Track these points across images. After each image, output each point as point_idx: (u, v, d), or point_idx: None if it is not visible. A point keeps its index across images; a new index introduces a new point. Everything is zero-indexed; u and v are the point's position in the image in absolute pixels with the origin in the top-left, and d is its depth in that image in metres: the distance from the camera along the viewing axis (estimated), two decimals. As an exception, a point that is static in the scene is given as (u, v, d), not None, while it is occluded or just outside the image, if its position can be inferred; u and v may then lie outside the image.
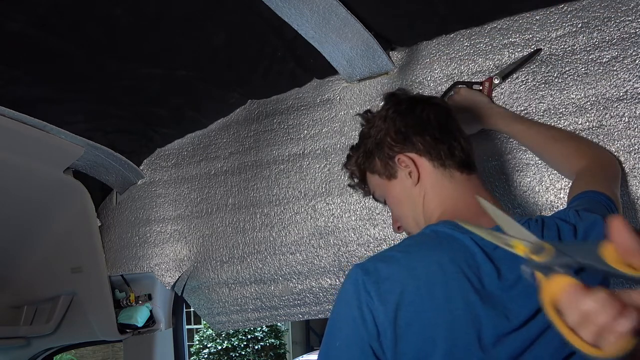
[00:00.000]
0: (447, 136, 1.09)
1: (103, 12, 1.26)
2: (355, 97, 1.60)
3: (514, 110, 1.38)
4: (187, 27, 1.37)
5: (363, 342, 0.86)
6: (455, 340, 0.84)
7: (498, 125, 1.34)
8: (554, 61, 1.35)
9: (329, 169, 1.62)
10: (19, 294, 1.92)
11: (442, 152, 1.07)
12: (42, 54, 1.34)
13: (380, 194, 1.17)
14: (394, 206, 1.15)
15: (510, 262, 0.90)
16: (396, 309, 0.86)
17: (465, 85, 1.41)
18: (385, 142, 1.12)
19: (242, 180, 1.75)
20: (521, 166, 1.37)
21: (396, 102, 1.15)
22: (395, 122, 1.11)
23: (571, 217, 0.96)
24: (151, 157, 1.92)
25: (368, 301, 0.87)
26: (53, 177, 1.68)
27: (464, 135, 1.13)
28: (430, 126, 1.10)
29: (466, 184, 1.07)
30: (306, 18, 1.30)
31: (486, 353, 0.84)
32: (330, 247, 1.60)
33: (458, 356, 0.84)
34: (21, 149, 1.52)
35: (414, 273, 0.88)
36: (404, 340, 0.85)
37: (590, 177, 1.14)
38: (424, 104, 1.13)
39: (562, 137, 1.29)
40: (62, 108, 1.57)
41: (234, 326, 1.86)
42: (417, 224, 1.09)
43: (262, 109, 1.76)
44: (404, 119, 1.11)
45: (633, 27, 1.27)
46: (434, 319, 0.85)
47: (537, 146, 1.29)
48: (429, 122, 1.10)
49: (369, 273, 0.89)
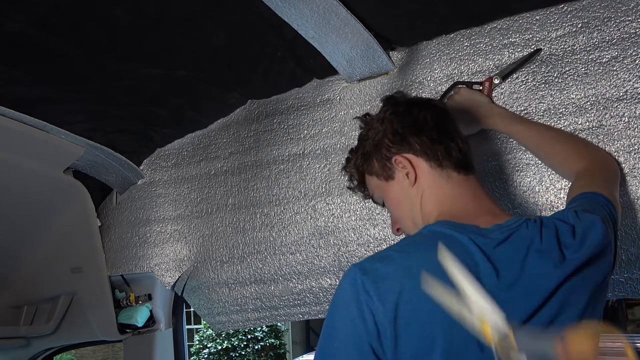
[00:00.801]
0: (444, 137, 1.10)
1: (103, 12, 1.26)
2: (355, 97, 1.60)
3: (514, 110, 1.38)
4: (187, 27, 1.37)
5: (362, 342, 0.87)
6: (454, 338, 0.85)
7: (498, 125, 1.34)
8: (554, 61, 1.35)
9: (329, 169, 1.62)
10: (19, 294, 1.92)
11: (439, 153, 1.08)
12: (42, 54, 1.34)
13: (379, 195, 1.17)
14: (392, 207, 1.15)
15: (509, 262, 0.90)
16: (395, 308, 0.86)
17: (465, 85, 1.41)
18: (382, 143, 1.12)
19: (242, 180, 1.75)
20: (521, 166, 1.37)
21: (394, 104, 1.16)
22: (393, 124, 1.12)
23: (570, 217, 0.97)
24: (151, 157, 1.92)
25: (367, 301, 0.87)
26: (53, 177, 1.68)
27: (462, 136, 1.13)
28: (427, 127, 1.10)
29: (464, 185, 1.07)
30: (306, 18, 1.30)
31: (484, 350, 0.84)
32: (330, 247, 1.60)
33: (457, 354, 0.85)
34: (21, 149, 1.52)
35: (411, 272, 0.89)
36: (403, 339, 0.86)
37: (589, 178, 1.14)
38: (421, 106, 1.14)
39: (562, 138, 1.29)
40: (62, 108, 1.57)
41: (234, 326, 1.86)
42: (415, 225, 1.09)
43: (262, 109, 1.76)
44: (401, 120, 1.12)
45: (633, 27, 1.27)
46: (432, 318, 0.85)
47: (537, 147, 1.29)
48: (426, 123, 1.11)
49: (367, 273, 0.89)
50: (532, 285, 0.89)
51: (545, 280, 0.89)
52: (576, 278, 0.90)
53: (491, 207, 1.05)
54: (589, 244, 0.92)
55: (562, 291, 0.89)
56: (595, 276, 0.93)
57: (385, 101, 1.19)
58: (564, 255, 0.91)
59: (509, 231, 0.94)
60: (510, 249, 0.92)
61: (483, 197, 1.08)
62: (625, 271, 1.30)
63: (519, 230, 0.94)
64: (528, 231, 0.94)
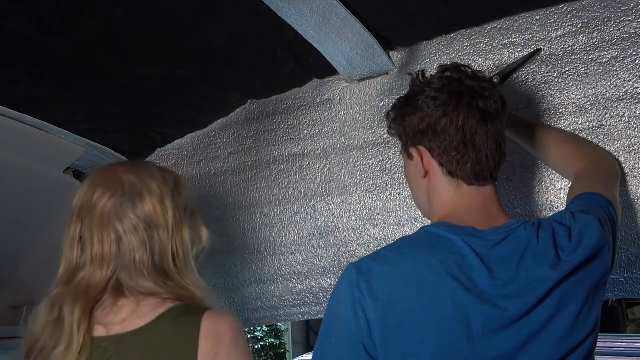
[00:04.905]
0: (465, 145, 1.01)
1: (103, 12, 1.26)
2: (356, 97, 1.60)
3: (514, 110, 1.38)
4: (187, 27, 1.37)
5: (355, 339, 0.89)
6: (444, 337, 0.86)
7: None
8: (554, 61, 1.35)
9: (329, 169, 1.62)
10: (19, 294, 1.92)
11: (453, 162, 1.02)
12: (42, 54, 1.34)
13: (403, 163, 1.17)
14: (408, 183, 1.15)
15: (505, 263, 0.91)
16: (386, 307, 0.88)
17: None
18: (408, 132, 1.08)
19: (242, 180, 1.75)
20: (521, 166, 1.37)
21: (448, 91, 1.03)
22: (424, 119, 1.04)
23: (567, 219, 0.97)
24: (151, 157, 1.92)
25: (360, 299, 0.89)
26: (53, 177, 1.68)
27: (492, 145, 1.03)
28: (448, 133, 1.02)
29: (474, 195, 1.02)
30: (306, 18, 1.30)
31: (475, 348, 0.86)
32: (330, 247, 1.60)
33: (446, 352, 0.86)
34: (21, 149, 1.52)
35: (403, 273, 0.90)
36: (394, 338, 0.87)
37: (589, 179, 1.14)
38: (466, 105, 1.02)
39: (562, 138, 1.29)
40: (62, 108, 1.57)
41: (234, 326, 1.86)
42: (425, 210, 1.11)
43: (262, 109, 1.76)
44: (434, 115, 1.03)
45: (633, 27, 1.27)
46: (423, 318, 0.87)
47: (537, 147, 1.29)
48: (458, 128, 1.01)
49: (361, 272, 0.91)
50: (527, 286, 0.90)
51: (541, 281, 0.89)
52: (572, 279, 0.91)
53: (495, 214, 1.02)
54: (585, 246, 0.92)
55: (558, 292, 0.90)
56: (592, 277, 0.93)
57: (447, 75, 1.06)
58: (559, 257, 0.91)
59: (505, 233, 0.94)
60: (506, 250, 0.92)
61: (492, 208, 1.02)
62: (625, 271, 1.30)
63: (515, 232, 0.94)
64: (525, 233, 0.94)
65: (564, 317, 0.89)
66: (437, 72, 1.08)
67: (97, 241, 1.13)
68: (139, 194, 1.15)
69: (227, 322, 1.09)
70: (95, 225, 1.14)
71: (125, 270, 1.13)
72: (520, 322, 0.88)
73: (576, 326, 0.90)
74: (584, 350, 0.90)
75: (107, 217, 1.13)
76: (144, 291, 1.13)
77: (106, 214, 1.13)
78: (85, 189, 1.18)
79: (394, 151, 1.51)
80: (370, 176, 1.55)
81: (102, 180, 1.18)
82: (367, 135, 1.57)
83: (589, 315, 0.92)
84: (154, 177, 1.19)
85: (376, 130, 1.55)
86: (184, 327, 1.08)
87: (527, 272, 0.90)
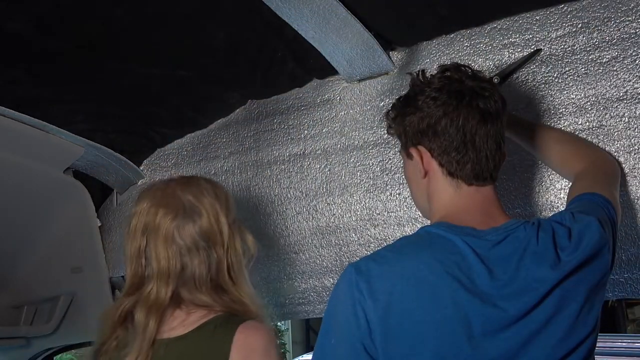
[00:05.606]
0: (465, 146, 1.01)
1: (103, 12, 1.26)
2: (356, 97, 1.60)
3: (514, 110, 1.38)
4: (187, 27, 1.37)
5: (355, 339, 0.89)
6: (444, 337, 0.86)
7: None
8: (554, 61, 1.35)
9: (330, 169, 1.62)
10: (19, 294, 1.92)
11: (453, 162, 1.01)
12: (42, 54, 1.34)
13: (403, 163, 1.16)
14: (408, 183, 1.15)
15: (504, 263, 0.91)
16: (386, 307, 0.88)
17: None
18: (407, 132, 1.07)
19: (242, 180, 1.75)
20: (521, 166, 1.37)
21: (448, 91, 1.03)
22: (424, 119, 1.03)
23: (567, 219, 0.97)
24: (151, 157, 1.92)
25: (360, 299, 0.89)
26: (53, 177, 1.68)
27: (492, 145, 1.02)
28: (448, 134, 1.02)
29: (474, 195, 1.02)
30: (306, 18, 1.30)
31: (475, 348, 0.85)
32: (331, 247, 1.60)
33: (446, 353, 0.86)
34: (21, 149, 1.52)
35: (403, 273, 0.90)
36: (394, 338, 0.87)
37: (589, 179, 1.14)
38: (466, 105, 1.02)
39: (562, 138, 1.29)
40: (62, 108, 1.57)
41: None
42: (424, 210, 1.11)
43: (262, 109, 1.76)
44: (434, 115, 1.02)
45: (633, 27, 1.27)
46: (423, 318, 0.87)
47: (537, 147, 1.29)
48: (458, 128, 1.01)
49: (361, 272, 0.91)
50: (527, 286, 0.90)
51: (541, 281, 0.89)
52: (572, 279, 0.91)
53: (494, 214, 1.01)
54: (584, 246, 0.92)
55: (557, 292, 0.90)
56: (592, 277, 0.93)
57: (447, 75, 1.05)
58: (559, 258, 0.91)
59: (505, 233, 0.94)
60: (506, 250, 0.92)
61: (492, 208, 1.02)
62: (625, 271, 1.30)
63: (515, 232, 0.94)
64: (525, 233, 0.94)
65: (564, 317, 0.89)
66: (437, 72, 1.07)
67: (163, 258, 1.21)
68: (199, 214, 1.24)
69: (260, 335, 1.15)
70: (160, 244, 1.22)
71: (185, 285, 1.22)
72: (520, 322, 0.88)
73: (576, 326, 0.90)
74: (584, 351, 0.90)
75: (172, 237, 1.22)
76: (200, 304, 1.21)
77: (170, 234, 1.22)
78: (146, 207, 1.27)
79: (394, 151, 1.51)
80: (370, 176, 1.55)
81: (163, 200, 1.26)
82: (367, 135, 1.57)
83: (588, 316, 0.92)
84: (209, 194, 1.28)
85: (376, 131, 1.55)
86: (218, 337, 1.15)
87: (527, 272, 0.90)
